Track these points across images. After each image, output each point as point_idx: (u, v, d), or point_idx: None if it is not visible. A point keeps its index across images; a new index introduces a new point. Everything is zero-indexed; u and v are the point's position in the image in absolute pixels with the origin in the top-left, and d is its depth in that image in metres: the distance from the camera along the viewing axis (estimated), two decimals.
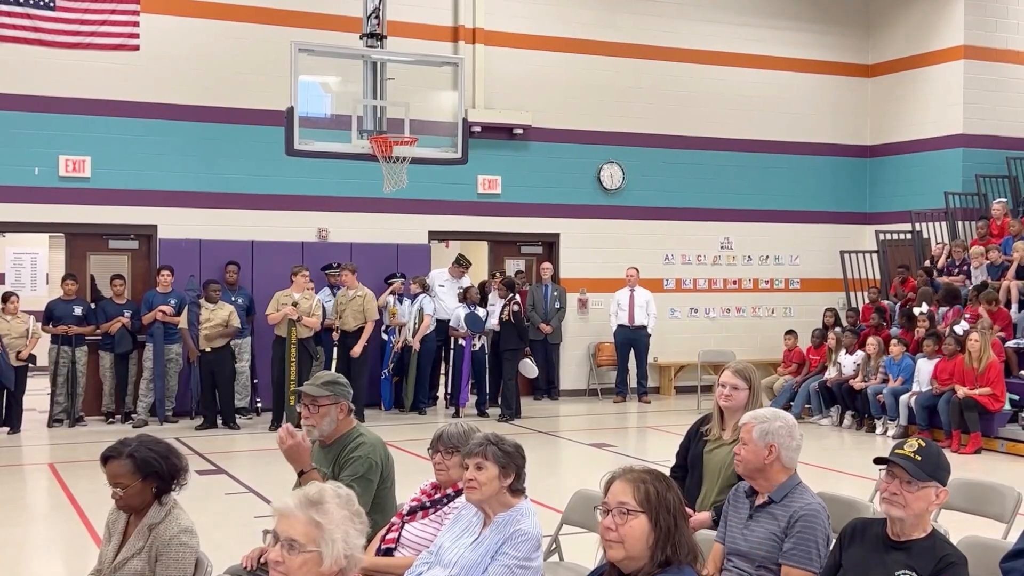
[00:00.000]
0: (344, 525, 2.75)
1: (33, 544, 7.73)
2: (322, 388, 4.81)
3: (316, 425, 4.81)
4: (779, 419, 4.15)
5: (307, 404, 4.84)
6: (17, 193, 12.41)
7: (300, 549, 2.71)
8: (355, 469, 4.70)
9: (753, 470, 4.10)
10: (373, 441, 4.86)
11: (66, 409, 12.33)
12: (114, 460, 3.94)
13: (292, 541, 2.72)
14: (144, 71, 12.82)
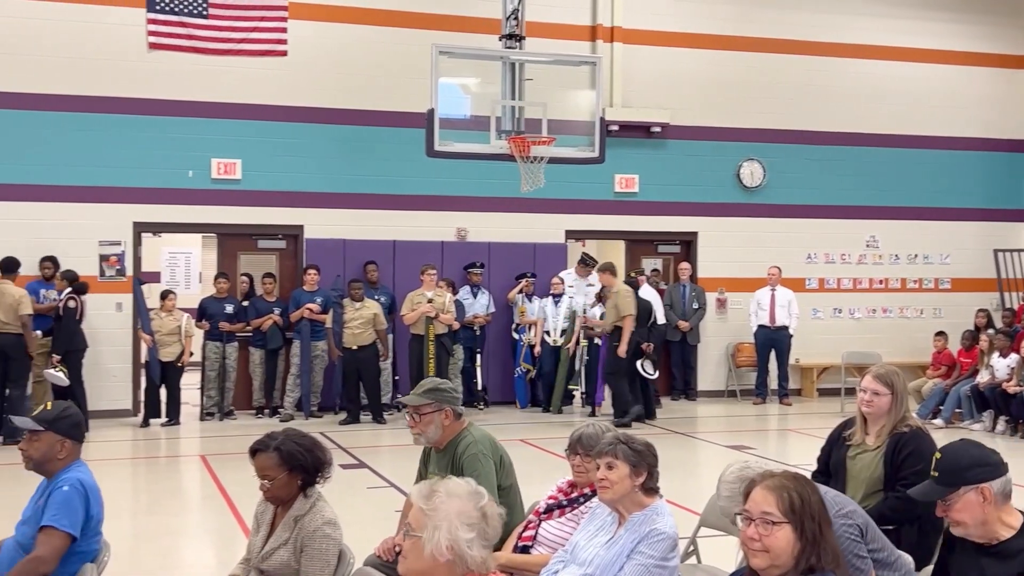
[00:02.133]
0: (452, 517, 2.78)
1: (186, 533, 8.06)
2: (423, 396, 4.84)
3: (422, 432, 4.85)
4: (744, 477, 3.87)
5: (411, 413, 4.87)
6: (172, 195, 12.97)
7: (411, 534, 2.81)
8: (476, 468, 4.70)
9: None
10: (479, 437, 4.86)
11: (217, 403, 12.83)
12: (262, 453, 4.07)
13: (408, 526, 2.84)
14: (291, 76, 13.22)
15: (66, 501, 4.09)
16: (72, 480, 4.14)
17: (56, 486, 4.15)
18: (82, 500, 4.13)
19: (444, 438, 4.86)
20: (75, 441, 4.28)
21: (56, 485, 4.15)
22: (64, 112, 12.47)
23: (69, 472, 4.20)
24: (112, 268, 12.77)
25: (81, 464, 4.28)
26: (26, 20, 12.34)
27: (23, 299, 11.02)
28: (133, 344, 12.93)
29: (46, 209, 12.40)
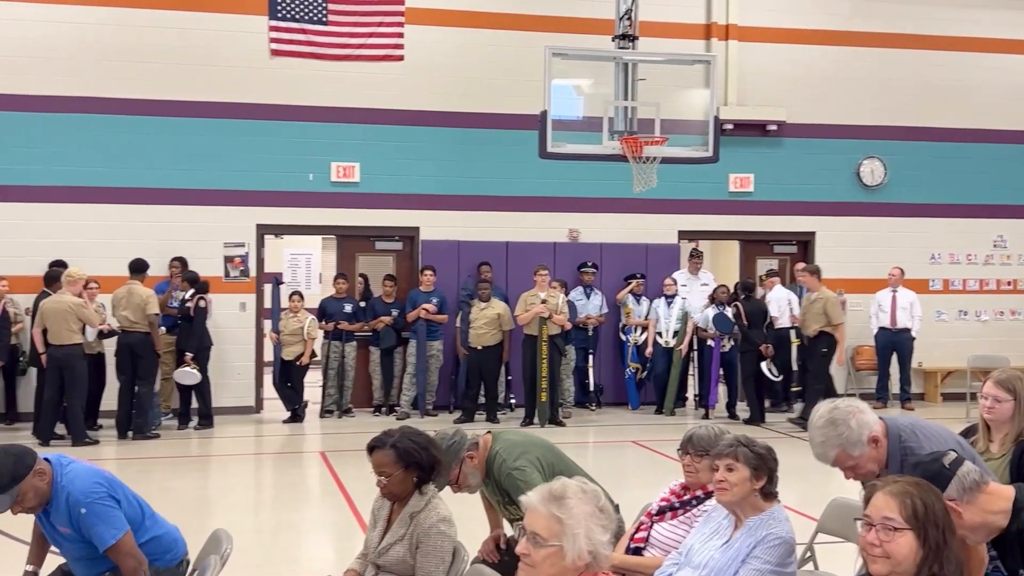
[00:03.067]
0: (587, 521, 2.76)
1: (306, 527, 8.27)
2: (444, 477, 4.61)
3: (466, 487, 4.83)
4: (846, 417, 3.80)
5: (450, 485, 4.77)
6: (294, 198, 13.32)
7: (543, 544, 2.75)
8: (518, 484, 4.60)
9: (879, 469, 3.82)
10: (504, 450, 4.79)
11: (336, 401, 13.13)
12: (378, 450, 4.16)
13: (536, 535, 2.76)
14: (407, 80, 13.43)
15: (99, 518, 4.11)
16: (80, 500, 4.10)
17: (74, 516, 4.10)
18: (104, 502, 4.16)
19: (484, 472, 4.84)
20: (28, 469, 4.04)
21: (72, 515, 4.11)
22: (190, 118, 12.92)
23: (60, 486, 4.12)
24: (236, 269, 13.19)
25: (60, 468, 4.17)
26: (151, 29, 12.81)
27: (150, 299, 11.46)
28: (256, 343, 13.32)
29: (174, 212, 12.87)
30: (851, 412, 3.77)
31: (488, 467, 4.80)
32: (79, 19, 12.59)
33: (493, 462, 4.78)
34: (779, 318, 13.18)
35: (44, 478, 4.09)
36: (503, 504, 4.80)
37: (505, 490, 4.71)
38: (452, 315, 13.27)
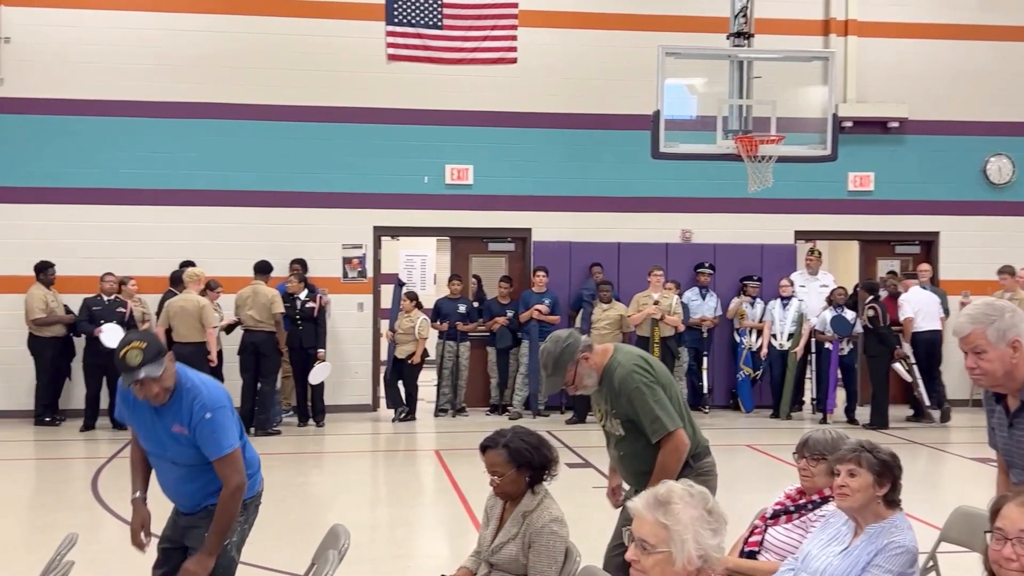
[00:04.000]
0: (695, 526, 2.72)
1: (421, 524, 8.41)
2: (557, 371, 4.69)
3: (580, 388, 4.78)
4: (1006, 309, 3.60)
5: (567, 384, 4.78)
6: (409, 200, 13.55)
7: (651, 550, 2.72)
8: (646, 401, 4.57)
9: (1001, 377, 3.61)
10: (626, 362, 4.71)
11: (450, 400, 13.30)
12: (491, 450, 4.21)
13: (644, 541, 2.74)
14: (520, 82, 13.52)
15: (219, 426, 4.27)
16: (208, 404, 4.25)
17: (195, 418, 4.23)
18: (227, 413, 4.33)
19: (600, 375, 4.78)
20: (168, 350, 4.33)
21: (188, 408, 4.24)
22: (309, 123, 13.26)
23: (189, 388, 4.28)
24: (354, 270, 13.48)
25: (184, 369, 4.37)
26: (271, 36, 13.19)
27: (276, 299, 11.80)
28: (373, 342, 13.59)
29: (294, 214, 13.22)
30: (1014, 310, 3.62)
31: (606, 372, 4.74)
32: (201, 27, 13.05)
33: (613, 371, 4.72)
34: (915, 319, 12.84)
35: (171, 364, 4.27)
36: (608, 415, 4.76)
37: (624, 403, 4.64)
38: (565, 316, 13.30)
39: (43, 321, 12.03)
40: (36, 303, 12.02)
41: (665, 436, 4.56)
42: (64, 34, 12.76)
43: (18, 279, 12.45)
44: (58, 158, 12.78)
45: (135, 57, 12.90)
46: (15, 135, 12.72)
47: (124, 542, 6.88)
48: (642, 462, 4.65)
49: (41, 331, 12.08)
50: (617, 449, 4.80)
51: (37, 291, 12.11)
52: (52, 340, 12.15)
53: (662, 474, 4.44)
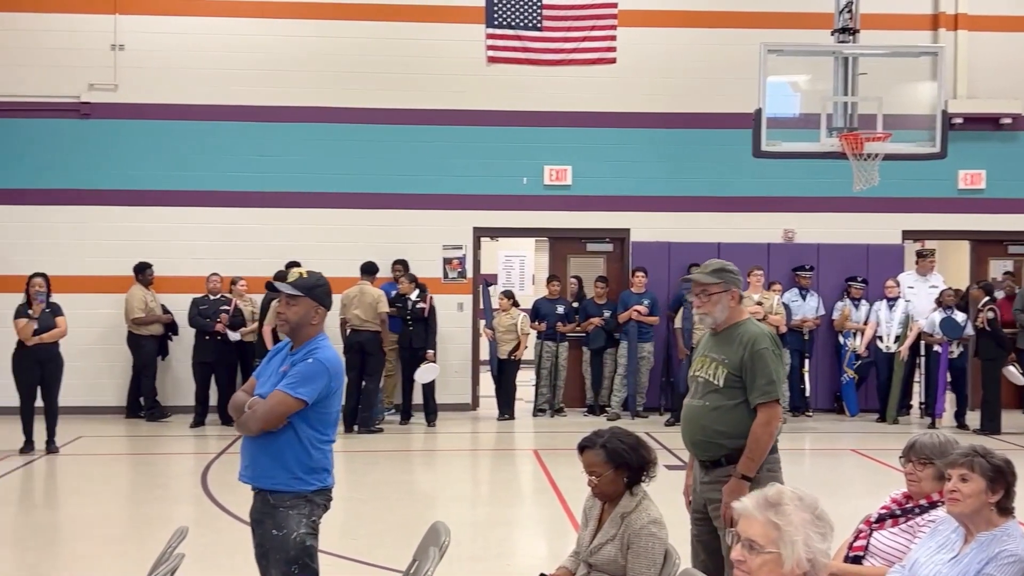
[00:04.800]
0: (805, 528, 2.70)
1: (519, 523, 8.46)
2: (711, 276, 4.82)
3: (709, 313, 4.81)
4: None
5: (698, 292, 4.84)
6: (508, 201, 13.62)
7: (759, 550, 2.70)
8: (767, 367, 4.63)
9: None
10: (765, 331, 4.78)
11: (548, 400, 13.33)
12: (589, 450, 4.21)
13: (752, 542, 2.72)
14: (619, 82, 13.47)
15: (310, 372, 4.33)
16: (318, 355, 4.39)
17: (302, 357, 4.40)
18: (325, 375, 4.37)
19: (727, 321, 4.81)
20: (326, 310, 4.55)
21: (302, 356, 4.40)
22: (410, 125, 13.43)
23: (316, 343, 4.45)
24: (454, 271, 13.62)
25: (325, 337, 4.54)
26: (373, 41, 13.39)
27: (381, 298, 12.03)
28: (472, 342, 13.70)
29: (395, 216, 13.41)
30: None
31: (736, 328, 4.78)
32: (306, 33, 13.34)
33: (745, 329, 4.76)
34: None
35: (318, 319, 4.45)
36: (717, 363, 4.73)
37: (742, 352, 4.66)
38: (664, 316, 13.22)
39: (142, 320, 12.44)
40: (136, 303, 12.45)
41: (766, 404, 4.62)
42: (175, 41, 13.18)
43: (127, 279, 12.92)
44: (168, 162, 13.19)
45: (242, 63, 13.25)
46: (128, 140, 13.18)
47: (232, 535, 7.09)
48: (721, 421, 4.67)
49: (140, 329, 12.49)
50: (705, 399, 4.76)
51: (137, 291, 12.54)
52: (150, 338, 12.56)
53: (754, 446, 4.59)
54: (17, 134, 13.02)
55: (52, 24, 13.01)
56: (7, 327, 10.67)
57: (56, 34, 13.00)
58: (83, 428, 11.75)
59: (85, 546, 7.37)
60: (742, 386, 4.67)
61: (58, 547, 7.43)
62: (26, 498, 9.27)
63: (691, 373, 4.94)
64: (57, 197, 13.02)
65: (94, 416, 12.57)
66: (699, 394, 4.81)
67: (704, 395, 4.78)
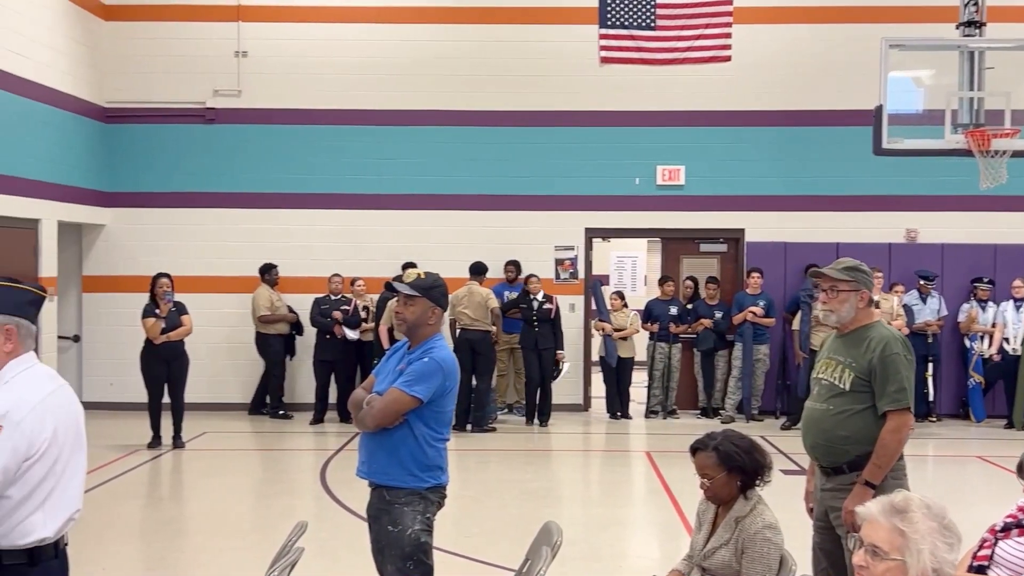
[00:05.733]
0: (932, 537, 2.65)
1: (632, 525, 8.44)
2: (843, 273, 4.69)
3: (835, 311, 4.69)
4: None
5: (826, 288, 4.71)
6: (621, 202, 13.59)
7: (883, 556, 2.66)
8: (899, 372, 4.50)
9: None
10: (896, 335, 4.62)
11: (661, 402, 13.25)
12: (701, 452, 4.18)
13: (875, 547, 2.68)
14: (733, 80, 13.30)
15: (426, 371, 4.39)
16: (434, 355, 4.45)
17: (418, 356, 4.46)
18: (440, 374, 4.42)
19: (854, 322, 4.68)
20: (443, 310, 4.61)
21: (418, 356, 4.47)
22: (523, 127, 13.51)
23: (432, 343, 4.52)
24: (566, 271, 13.64)
25: (441, 337, 4.61)
26: (485, 43, 13.50)
27: (491, 297, 12.19)
28: (584, 343, 13.70)
29: (508, 217, 13.51)
30: None
31: (865, 330, 4.66)
32: (423, 37, 13.54)
33: (875, 332, 4.65)
34: None
35: (435, 319, 4.53)
36: (842, 366, 4.62)
37: (871, 356, 4.55)
38: (780, 318, 13.00)
39: (268, 319, 12.79)
40: (262, 302, 12.81)
41: (895, 412, 4.51)
42: (295, 47, 13.53)
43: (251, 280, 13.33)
44: (289, 165, 13.54)
45: (360, 67, 13.52)
46: (251, 144, 13.58)
47: (350, 530, 7.25)
48: (845, 426, 4.56)
49: (267, 328, 12.85)
50: (828, 403, 4.65)
51: (263, 291, 12.91)
52: (277, 337, 12.89)
53: (882, 452, 4.48)
54: (146, 139, 13.55)
55: (179, 32, 13.50)
56: (136, 326, 11.11)
57: (183, 42, 13.49)
58: (208, 424, 12.16)
59: (209, 539, 7.64)
60: (869, 391, 4.56)
61: (183, 539, 7.72)
62: (153, 491, 9.64)
63: (814, 375, 4.83)
64: (183, 200, 13.51)
65: (218, 413, 12.99)
66: (822, 397, 4.70)
67: (828, 399, 4.67)
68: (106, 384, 13.31)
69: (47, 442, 3.18)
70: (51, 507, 3.22)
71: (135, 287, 12.54)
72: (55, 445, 3.22)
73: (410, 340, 4.61)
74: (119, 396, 13.09)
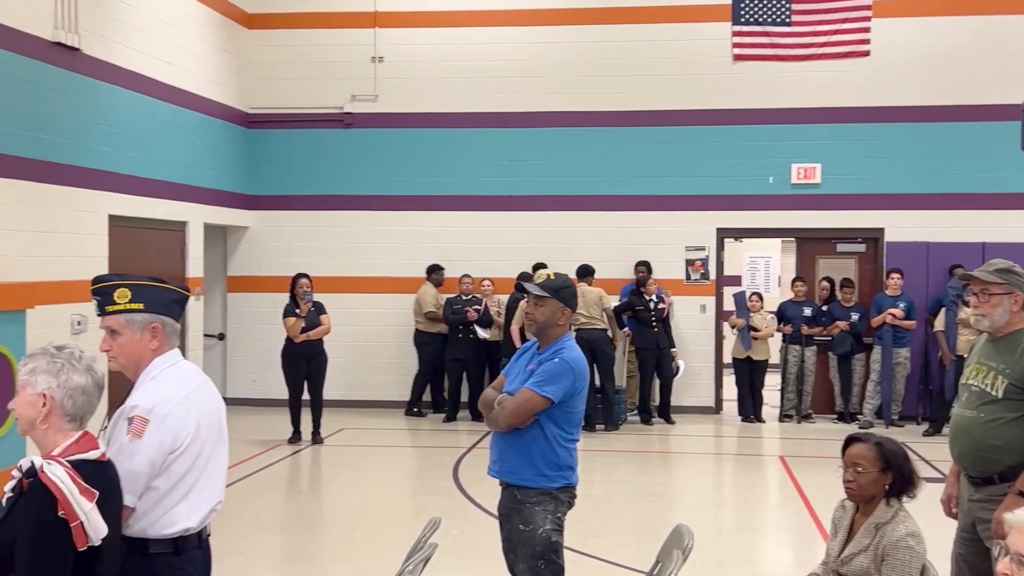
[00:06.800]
0: None
1: (765, 530, 8.29)
2: (995, 275, 4.48)
3: (987, 315, 4.49)
4: None
5: (977, 291, 4.52)
6: (754, 201, 13.36)
7: None
8: None
9: None
10: None
11: (795, 406, 12.97)
12: (860, 443, 4.08)
13: (1022, 556, 2.60)
14: (873, 76, 12.94)
15: (556, 372, 4.40)
16: (563, 355, 4.46)
17: (548, 357, 4.48)
18: (570, 375, 4.42)
19: (1007, 327, 4.48)
20: (572, 311, 4.62)
21: (548, 357, 4.49)
22: (654, 127, 13.42)
23: (562, 344, 4.53)
24: (697, 272, 13.49)
25: (570, 337, 4.60)
26: (620, 44, 13.47)
27: (603, 294, 12.23)
28: (716, 345, 13.52)
29: (638, 217, 13.44)
30: None
31: (1016, 335, 4.46)
32: (555, 39, 13.59)
33: None
34: None
35: (564, 320, 4.57)
36: (995, 372, 4.44)
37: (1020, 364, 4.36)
38: (921, 320, 12.58)
39: (434, 316, 12.99)
40: (428, 299, 13.04)
41: None
42: (429, 52, 13.76)
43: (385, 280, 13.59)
44: (422, 168, 13.78)
45: (491, 70, 13.65)
46: (386, 147, 13.87)
47: (481, 527, 7.34)
48: (997, 435, 4.36)
49: (429, 327, 13.04)
50: (979, 411, 4.46)
51: (428, 288, 13.16)
52: (437, 336, 13.07)
53: None
54: (287, 144, 13.98)
55: (318, 39, 13.89)
56: (277, 325, 11.48)
57: (322, 48, 13.87)
58: (345, 420, 12.48)
59: (346, 532, 7.84)
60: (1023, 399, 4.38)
61: (321, 532, 7.94)
62: (293, 486, 9.94)
63: (962, 380, 4.65)
64: (321, 203, 13.90)
65: (355, 409, 13.31)
66: (972, 404, 4.52)
67: (978, 406, 4.48)
68: (249, 381, 13.81)
69: (191, 436, 3.30)
70: (195, 498, 3.33)
71: (276, 287, 12.96)
72: (198, 439, 3.34)
73: (540, 340, 4.64)
74: (261, 392, 13.56)
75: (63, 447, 3.02)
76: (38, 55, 9.12)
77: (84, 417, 3.14)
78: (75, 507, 2.82)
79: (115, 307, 3.37)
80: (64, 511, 2.80)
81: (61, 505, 2.80)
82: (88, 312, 8.09)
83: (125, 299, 3.37)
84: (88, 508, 2.85)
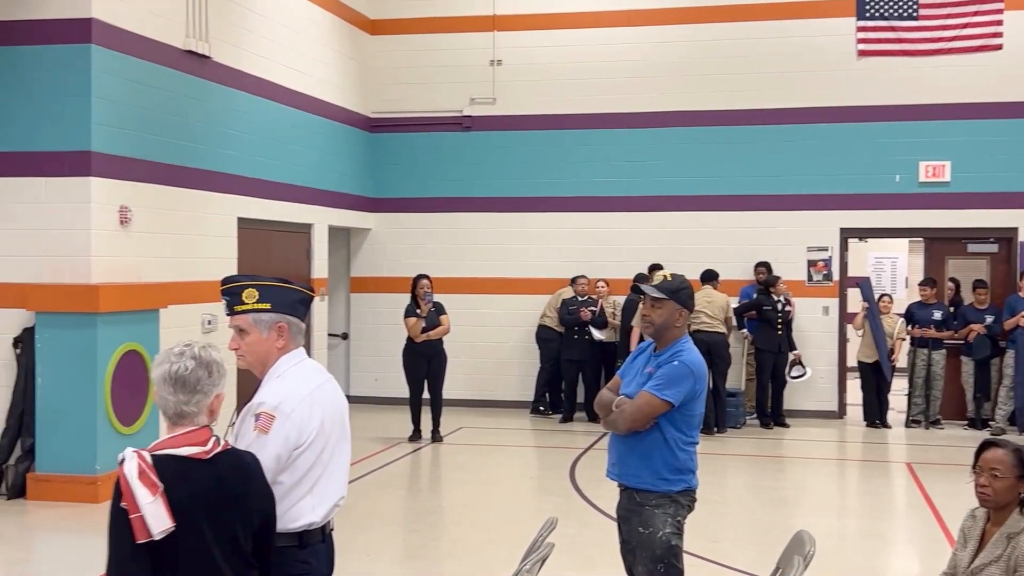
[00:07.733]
0: None
1: (890, 537, 8.08)
2: None
3: None
4: None
5: None
6: (879, 200, 13.00)
7: None
8: None
9: None
10: None
11: (923, 411, 12.58)
12: (997, 448, 3.98)
13: None
14: (1007, 70, 12.47)
15: (676, 375, 4.36)
16: (683, 358, 4.41)
17: (666, 360, 4.43)
18: (690, 377, 4.37)
19: None
20: (690, 312, 4.56)
21: (666, 359, 4.43)
22: (774, 125, 13.19)
23: (680, 346, 4.47)
24: (819, 273, 13.20)
25: (688, 339, 4.55)
26: (735, 41, 13.26)
27: (729, 301, 12.19)
28: (839, 347, 13.22)
29: (758, 217, 13.23)
30: None
31: None
32: (671, 38, 13.50)
33: None
34: None
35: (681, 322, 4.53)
36: None
37: None
38: None
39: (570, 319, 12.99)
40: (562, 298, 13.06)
41: None
42: (547, 54, 13.81)
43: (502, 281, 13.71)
44: (541, 169, 13.84)
45: (608, 71, 13.63)
46: (504, 150, 13.98)
47: (598, 528, 7.35)
48: None
49: (555, 324, 13.02)
50: None
51: (568, 291, 13.11)
52: (560, 334, 13.02)
53: None
54: (408, 147, 14.22)
55: (438, 44, 14.09)
56: (398, 325, 11.68)
57: (441, 53, 14.06)
58: (465, 419, 12.63)
59: (464, 531, 7.94)
60: None
61: (440, 530, 8.06)
62: (413, 483, 10.11)
63: None
64: (441, 205, 14.10)
65: (474, 409, 13.47)
66: None
67: None
68: (371, 379, 14.09)
69: (315, 432, 3.38)
70: (319, 493, 3.40)
71: (397, 288, 13.19)
72: (322, 435, 3.41)
73: (657, 342, 4.62)
74: (382, 391, 13.83)
75: (160, 440, 3.01)
76: (171, 63, 9.49)
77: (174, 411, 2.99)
78: (135, 499, 2.80)
79: (243, 307, 3.47)
80: (126, 502, 2.81)
81: (124, 496, 2.82)
82: (218, 312, 8.40)
83: (253, 299, 3.47)
84: (147, 501, 2.80)
